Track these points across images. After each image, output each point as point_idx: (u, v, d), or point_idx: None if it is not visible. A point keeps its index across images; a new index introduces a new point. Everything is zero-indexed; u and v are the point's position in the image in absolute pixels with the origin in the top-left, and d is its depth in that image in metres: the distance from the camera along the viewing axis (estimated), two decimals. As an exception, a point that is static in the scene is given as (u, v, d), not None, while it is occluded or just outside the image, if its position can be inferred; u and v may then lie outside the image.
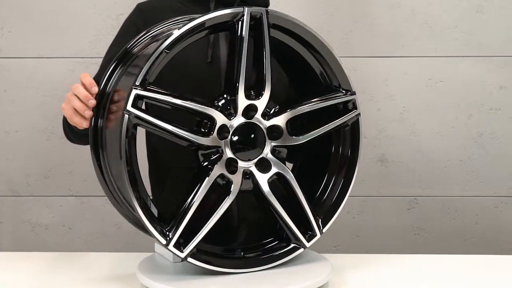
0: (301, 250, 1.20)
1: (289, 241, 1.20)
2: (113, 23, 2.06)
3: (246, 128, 1.13)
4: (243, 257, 1.17)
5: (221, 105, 1.12)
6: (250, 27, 1.12)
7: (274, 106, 1.16)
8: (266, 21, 1.13)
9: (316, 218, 1.20)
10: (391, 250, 2.08)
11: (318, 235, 1.20)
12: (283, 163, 1.17)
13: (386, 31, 2.09)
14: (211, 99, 1.13)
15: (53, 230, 2.16)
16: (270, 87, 1.14)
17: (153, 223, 1.07)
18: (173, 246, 1.07)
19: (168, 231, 1.08)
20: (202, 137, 1.09)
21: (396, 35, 2.09)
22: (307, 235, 1.19)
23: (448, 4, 2.08)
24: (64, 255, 1.39)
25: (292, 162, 1.30)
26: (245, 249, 1.18)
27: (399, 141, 2.13)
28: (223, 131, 1.11)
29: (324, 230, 1.21)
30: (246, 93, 1.12)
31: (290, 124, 1.17)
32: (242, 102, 1.12)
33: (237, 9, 1.11)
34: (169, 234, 1.07)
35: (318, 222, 1.20)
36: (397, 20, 2.09)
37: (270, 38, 1.14)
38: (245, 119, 1.13)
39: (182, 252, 1.08)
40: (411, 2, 2.08)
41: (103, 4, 2.08)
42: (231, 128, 1.12)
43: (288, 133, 1.17)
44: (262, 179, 1.15)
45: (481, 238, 2.16)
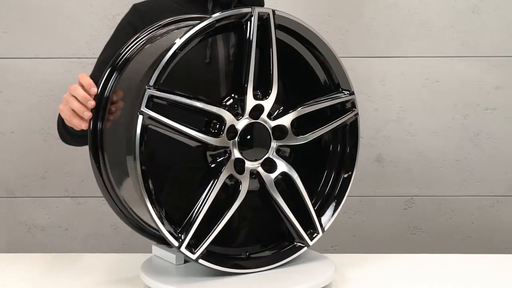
0: (305, 249, 1.21)
1: (292, 241, 1.20)
2: (110, 23, 2.05)
3: (253, 128, 1.13)
4: (249, 257, 1.17)
5: (229, 105, 1.12)
6: (257, 27, 1.12)
7: (279, 107, 1.17)
8: (273, 22, 1.13)
9: (318, 217, 1.21)
10: (388, 250, 2.09)
11: (320, 233, 1.21)
12: (288, 163, 1.18)
13: (383, 32, 2.10)
14: (219, 100, 1.13)
15: (50, 231, 2.15)
16: (277, 88, 1.14)
17: (166, 226, 1.06)
18: (185, 248, 1.07)
19: (180, 233, 1.07)
20: (212, 138, 1.09)
21: (393, 36, 2.10)
22: (309, 234, 1.20)
23: (445, 5, 2.09)
24: (62, 256, 1.38)
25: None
26: (250, 249, 1.18)
27: (396, 141, 2.13)
28: (230, 131, 1.11)
29: (326, 229, 1.22)
30: (253, 93, 1.13)
31: (294, 124, 1.18)
32: (250, 102, 1.12)
33: (246, 10, 1.11)
34: (181, 236, 1.07)
35: (320, 221, 1.21)
36: (394, 21, 2.09)
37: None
38: (252, 119, 1.13)
39: (194, 254, 1.08)
40: (408, 3, 2.09)
41: (100, 4, 2.07)
42: (239, 128, 1.12)
43: (293, 133, 1.18)
44: (269, 179, 1.15)
45: (477, 238, 2.17)
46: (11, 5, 2.07)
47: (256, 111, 1.14)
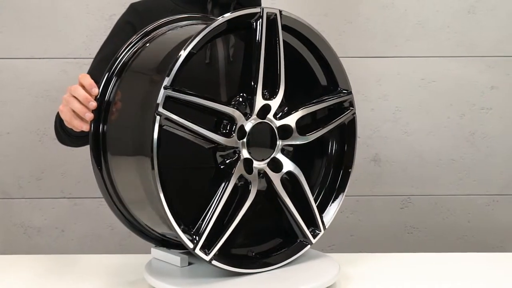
0: (308, 247, 1.22)
1: (295, 239, 1.21)
2: (106, 23, 2.05)
3: (260, 128, 1.14)
4: (255, 257, 1.17)
5: (238, 106, 1.12)
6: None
7: (284, 106, 1.17)
8: (280, 22, 1.13)
9: (320, 215, 1.22)
10: (385, 249, 2.09)
11: (322, 231, 1.22)
12: (293, 162, 1.19)
13: (379, 32, 2.10)
14: (228, 100, 1.13)
15: (46, 233, 2.14)
16: (284, 87, 1.15)
17: (182, 227, 1.05)
18: (199, 250, 1.07)
19: (194, 235, 1.07)
20: (224, 138, 1.09)
21: (389, 36, 2.11)
22: (311, 232, 1.21)
23: (441, 5, 2.10)
24: (61, 258, 1.37)
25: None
26: (255, 249, 1.19)
27: (392, 141, 2.14)
28: (239, 131, 1.11)
29: (327, 226, 1.23)
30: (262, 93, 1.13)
31: (298, 124, 1.19)
32: (259, 102, 1.13)
33: (255, 10, 1.11)
34: (196, 238, 1.06)
35: (322, 218, 1.23)
36: (390, 21, 2.10)
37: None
38: (259, 119, 1.13)
39: (207, 255, 1.08)
40: (404, 3, 2.10)
41: (96, 4, 2.06)
42: (247, 128, 1.12)
43: (298, 132, 1.18)
44: (276, 178, 1.16)
45: (474, 236, 2.18)
46: (7, 5, 2.05)
47: (263, 111, 1.14)
